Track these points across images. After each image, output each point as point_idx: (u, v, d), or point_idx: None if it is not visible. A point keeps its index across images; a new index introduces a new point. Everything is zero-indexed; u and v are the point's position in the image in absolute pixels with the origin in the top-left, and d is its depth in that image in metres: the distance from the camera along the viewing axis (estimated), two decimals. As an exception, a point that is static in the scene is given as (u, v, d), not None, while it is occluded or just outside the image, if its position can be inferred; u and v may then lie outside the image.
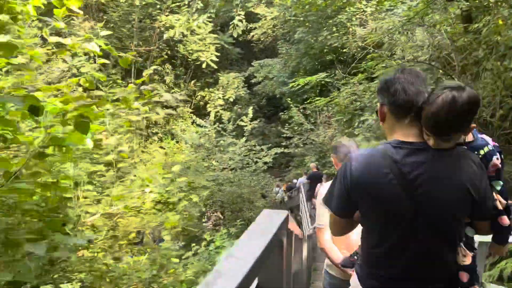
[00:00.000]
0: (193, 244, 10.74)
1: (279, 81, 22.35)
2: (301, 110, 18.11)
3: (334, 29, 18.50)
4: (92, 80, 4.48)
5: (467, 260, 1.56)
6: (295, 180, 17.18)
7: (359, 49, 13.36)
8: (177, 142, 26.71)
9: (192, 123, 25.21)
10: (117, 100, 4.78)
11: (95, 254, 3.69)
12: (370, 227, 1.59)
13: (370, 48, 8.31)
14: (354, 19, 17.85)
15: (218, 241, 9.64)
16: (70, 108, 2.40)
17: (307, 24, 19.92)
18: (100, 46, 3.13)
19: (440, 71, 7.70)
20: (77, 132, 2.63)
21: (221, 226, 15.74)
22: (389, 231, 1.50)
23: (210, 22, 25.63)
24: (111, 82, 24.88)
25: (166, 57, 28.19)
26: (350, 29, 17.99)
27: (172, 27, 23.70)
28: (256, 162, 16.18)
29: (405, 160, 1.44)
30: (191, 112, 27.82)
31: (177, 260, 3.98)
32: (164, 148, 27.49)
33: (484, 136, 1.67)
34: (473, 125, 1.45)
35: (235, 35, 9.33)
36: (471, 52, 6.37)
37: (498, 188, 1.61)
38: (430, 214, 1.43)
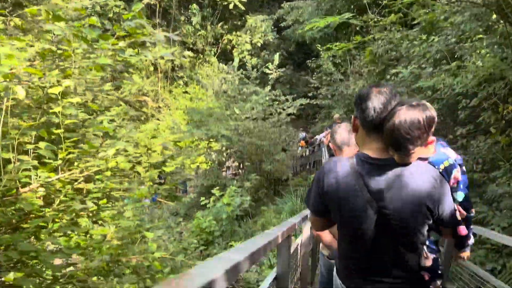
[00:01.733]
0: (202, 198, 10.40)
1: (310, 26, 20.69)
2: (331, 58, 16.73)
3: (374, -33, 16.54)
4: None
5: (428, 262, 1.73)
6: (317, 136, 16.29)
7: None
8: (202, 87, 25.99)
9: (218, 68, 24.20)
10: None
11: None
12: (340, 229, 1.76)
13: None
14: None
15: (226, 198, 9.12)
16: None
17: (344, -39, 17.94)
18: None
19: (494, 16, 6.39)
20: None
21: (240, 176, 15.34)
22: (357, 236, 1.65)
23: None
24: (135, 22, 23.91)
25: (194, -4, 26.72)
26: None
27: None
28: (280, 113, 15.25)
29: (370, 175, 1.59)
30: (217, 57, 26.75)
31: (151, 235, 3.34)
32: (189, 93, 26.90)
33: (447, 150, 1.79)
34: (432, 138, 1.57)
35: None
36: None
37: (460, 199, 1.80)
38: (392, 226, 1.57)
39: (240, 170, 16.85)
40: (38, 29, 5.53)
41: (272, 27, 25.99)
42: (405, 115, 1.47)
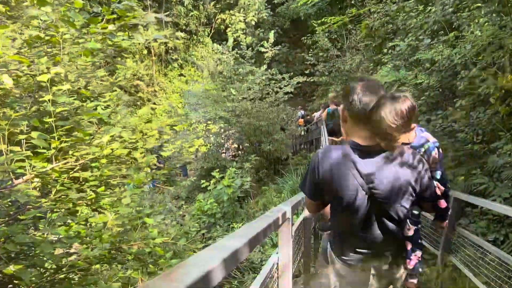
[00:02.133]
0: (203, 181, 10.39)
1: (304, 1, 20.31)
2: (327, 34, 16.48)
3: None
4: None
5: (410, 232, 2.02)
6: (315, 114, 16.18)
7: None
8: (197, 69, 25.70)
9: (213, 49, 23.82)
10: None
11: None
12: (334, 209, 2.00)
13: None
14: None
15: (226, 180, 9.09)
16: None
17: None
18: None
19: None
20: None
21: (240, 158, 15.31)
22: (350, 214, 1.88)
23: None
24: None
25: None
26: None
27: None
28: (277, 92, 15.09)
29: (361, 161, 1.81)
30: (211, 37, 26.37)
31: (151, 221, 3.31)
32: (184, 76, 26.63)
33: (425, 134, 2.10)
34: (413, 125, 1.81)
35: None
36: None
37: (438, 177, 2.08)
38: (380, 203, 1.83)
39: (239, 152, 16.81)
40: (26, 16, 5.38)
41: (266, 4, 25.54)
42: (389, 107, 1.69)
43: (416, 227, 2.03)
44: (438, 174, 2.04)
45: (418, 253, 2.03)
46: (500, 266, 3.65)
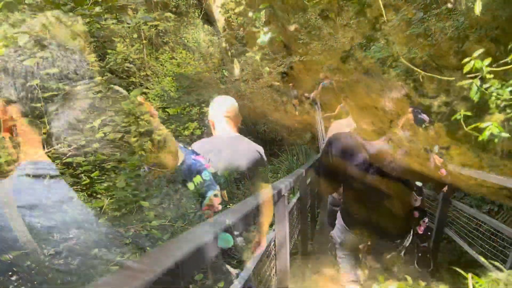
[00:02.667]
0: (198, 164, 10.36)
1: (295, -22, 19.95)
2: (319, 12, 16.29)
3: None
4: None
5: (417, 203, 2.24)
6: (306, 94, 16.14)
7: None
8: (189, 51, 25.37)
9: (204, 30, 23.49)
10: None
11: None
12: (347, 186, 2.29)
13: None
14: None
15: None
16: None
17: None
18: None
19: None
20: None
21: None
22: (361, 189, 2.14)
23: None
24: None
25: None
26: None
27: None
28: (270, 72, 15.00)
29: (368, 143, 2.10)
30: (201, 18, 25.96)
31: (147, 204, 3.30)
32: (176, 59, 26.30)
33: (422, 115, 2.38)
34: (411, 108, 2.14)
35: None
36: None
37: (436, 150, 2.25)
38: (389, 179, 2.05)
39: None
40: None
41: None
42: (387, 96, 1.97)
43: (420, 197, 2.28)
44: (436, 148, 2.29)
45: (426, 219, 2.30)
46: (495, 236, 3.70)
